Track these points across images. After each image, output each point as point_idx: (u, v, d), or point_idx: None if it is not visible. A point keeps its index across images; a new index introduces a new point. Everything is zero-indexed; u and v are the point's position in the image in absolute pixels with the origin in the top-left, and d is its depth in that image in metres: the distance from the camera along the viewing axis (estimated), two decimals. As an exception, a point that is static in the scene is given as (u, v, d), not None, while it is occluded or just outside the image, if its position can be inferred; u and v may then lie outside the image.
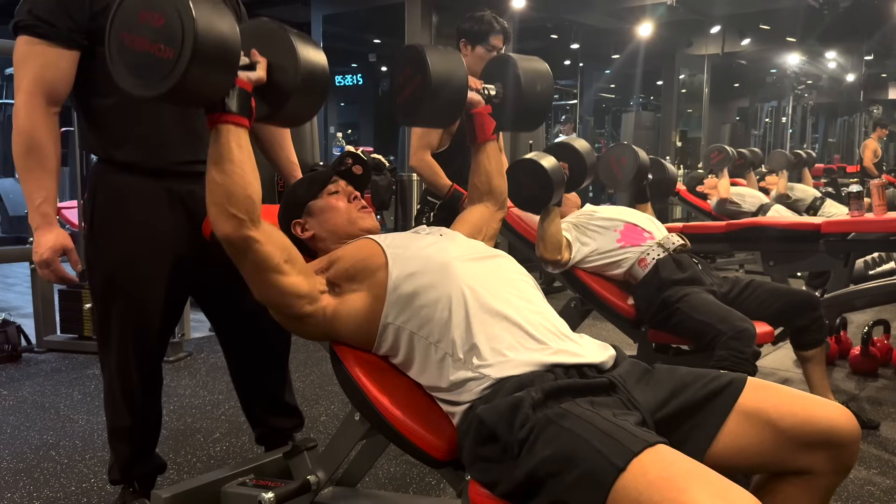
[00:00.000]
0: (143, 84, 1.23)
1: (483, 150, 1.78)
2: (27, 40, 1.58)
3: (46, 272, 1.65)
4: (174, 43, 1.18)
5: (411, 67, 1.60)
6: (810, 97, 14.59)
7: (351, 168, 1.71)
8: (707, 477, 1.02)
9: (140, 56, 1.21)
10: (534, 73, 1.81)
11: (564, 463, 1.10)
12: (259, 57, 1.34)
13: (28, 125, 1.59)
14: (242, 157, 1.32)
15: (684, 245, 2.56)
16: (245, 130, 1.33)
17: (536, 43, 11.61)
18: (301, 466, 1.74)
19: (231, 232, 1.32)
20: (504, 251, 1.59)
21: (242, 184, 1.31)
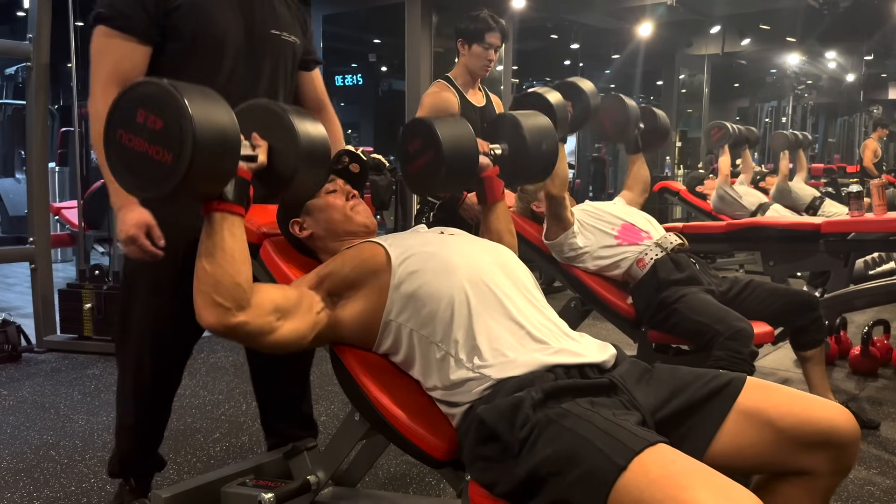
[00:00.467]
0: (140, 185, 1.22)
1: (493, 211, 1.78)
2: (106, 31, 1.64)
3: (133, 248, 1.63)
4: (173, 148, 1.16)
5: (422, 141, 1.63)
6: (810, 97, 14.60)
7: (348, 166, 1.71)
8: (709, 475, 1.02)
9: (138, 156, 1.20)
10: (538, 132, 1.84)
11: (566, 462, 1.10)
12: (260, 141, 1.34)
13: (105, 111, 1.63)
14: (234, 245, 1.30)
15: (682, 245, 2.56)
16: (240, 218, 1.32)
17: (536, 43, 11.62)
18: (301, 466, 1.74)
19: (215, 322, 1.30)
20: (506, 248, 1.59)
21: (232, 272, 1.29)
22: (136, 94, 1.20)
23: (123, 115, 1.21)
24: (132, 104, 1.20)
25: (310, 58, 1.96)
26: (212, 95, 1.23)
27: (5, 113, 8.66)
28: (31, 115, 3.86)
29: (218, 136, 1.19)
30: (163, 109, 1.17)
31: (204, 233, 1.30)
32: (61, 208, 5.80)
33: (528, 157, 1.82)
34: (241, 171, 1.29)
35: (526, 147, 1.81)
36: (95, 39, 1.65)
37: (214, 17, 1.68)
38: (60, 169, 7.42)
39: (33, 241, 3.90)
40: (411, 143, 1.66)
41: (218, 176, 1.24)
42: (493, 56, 2.92)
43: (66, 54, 4.07)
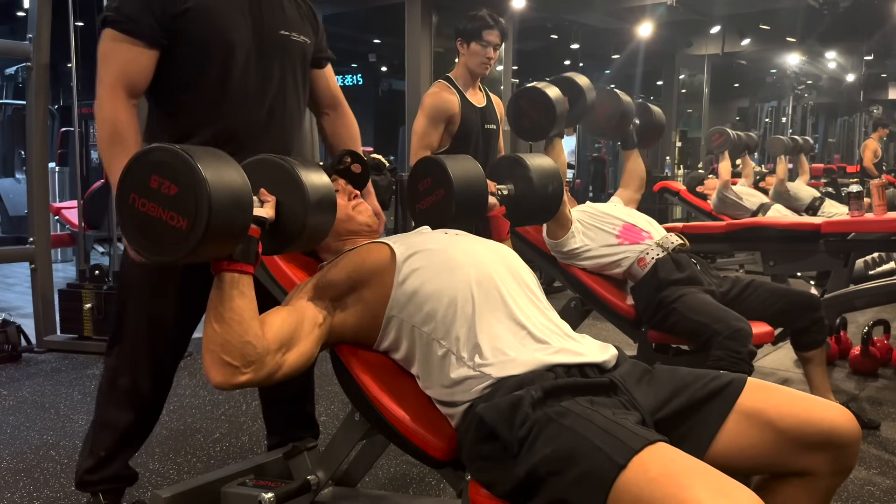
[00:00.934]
0: (154, 248, 1.21)
1: None
2: (112, 35, 1.64)
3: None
4: (188, 214, 1.16)
5: (433, 179, 1.66)
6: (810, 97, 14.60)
7: (350, 166, 1.71)
8: (709, 474, 1.02)
9: (152, 221, 1.20)
10: (544, 174, 1.88)
11: (565, 461, 1.10)
12: (268, 196, 1.33)
13: (112, 114, 1.63)
14: (243, 304, 1.29)
15: (683, 245, 2.56)
16: (249, 277, 1.32)
17: (536, 43, 11.62)
18: (301, 466, 1.74)
19: (222, 381, 1.30)
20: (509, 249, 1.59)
21: (240, 331, 1.29)
22: (149, 160, 1.20)
23: (136, 180, 1.20)
24: (145, 170, 1.20)
25: (322, 55, 1.96)
26: (223, 157, 1.23)
27: (5, 113, 8.66)
28: (31, 115, 3.86)
29: (232, 199, 1.19)
30: (177, 176, 1.17)
31: (213, 293, 1.30)
32: (61, 208, 5.80)
33: (535, 199, 1.85)
34: (251, 230, 1.29)
35: (533, 188, 1.86)
36: (102, 43, 1.65)
37: (223, 20, 1.68)
38: (60, 169, 7.43)
39: (33, 241, 3.90)
40: (422, 180, 1.69)
41: (231, 238, 1.24)
42: (492, 54, 2.92)
43: (66, 54, 4.07)
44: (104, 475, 1.82)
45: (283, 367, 1.35)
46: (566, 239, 2.58)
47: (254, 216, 1.27)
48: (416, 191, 1.71)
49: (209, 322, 1.30)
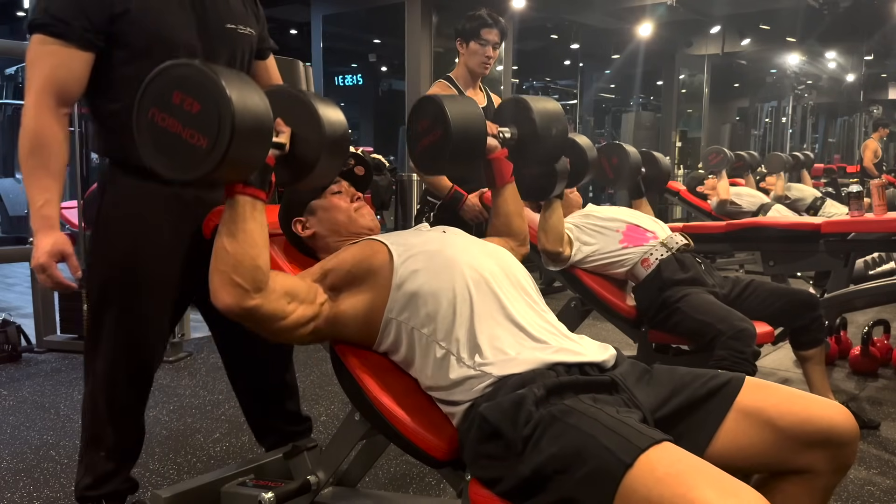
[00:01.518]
0: (171, 166, 1.20)
1: (501, 194, 1.79)
2: (41, 39, 1.54)
3: (43, 277, 1.60)
4: (209, 133, 1.14)
5: (430, 119, 1.62)
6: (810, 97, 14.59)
7: (353, 169, 1.71)
8: (715, 474, 1.02)
9: (170, 137, 1.18)
10: (548, 117, 1.83)
11: (572, 460, 1.10)
12: (284, 127, 1.33)
13: (35, 125, 1.56)
14: (256, 228, 1.30)
15: (688, 245, 2.55)
16: (262, 203, 1.32)
17: (536, 43, 11.61)
18: (301, 466, 1.74)
19: (232, 303, 1.30)
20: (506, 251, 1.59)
21: (253, 254, 1.30)
22: (172, 76, 1.18)
23: (157, 95, 1.19)
24: (168, 85, 1.18)
25: (264, 46, 1.89)
26: (246, 80, 1.21)
27: (5, 113, 8.66)
28: (31, 115, 3.85)
29: (254, 123, 1.17)
30: (200, 93, 1.15)
31: (226, 215, 1.30)
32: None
33: (538, 142, 1.80)
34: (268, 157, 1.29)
35: (535, 131, 1.79)
36: (31, 48, 1.54)
37: (165, 19, 1.60)
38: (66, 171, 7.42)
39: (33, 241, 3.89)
40: (420, 121, 1.65)
41: (250, 163, 1.23)
42: (492, 53, 2.92)
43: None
44: (105, 491, 1.76)
45: (287, 320, 1.36)
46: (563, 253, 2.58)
47: (273, 142, 1.27)
48: (415, 132, 1.66)
49: (220, 243, 1.30)
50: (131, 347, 1.72)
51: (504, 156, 1.77)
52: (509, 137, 1.80)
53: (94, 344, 1.75)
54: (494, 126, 1.77)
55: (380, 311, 1.40)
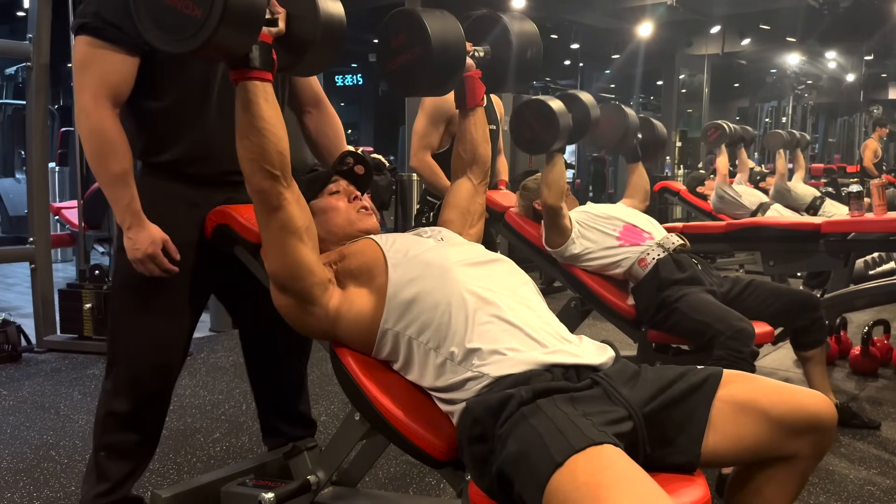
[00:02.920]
0: (168, 39, 1.22)
1: (471, 117, 1.76)
2: (90, 41, 1.57)
3: (151, 266, 1.62)
4: (203, 3, 1.17)
5: (407, 35, 1.55)
6: (810, 97, 14.58)
7: (352, 168, 1.70)
8: (635, 484, 1.02)
9: (166, 11, 1.20)
10: (525, 37, 1.76)
11: (520, 458, 1.11)
12: (279, 8, 1.34)
13: (99, 124, 1.58)
14: (271, 112, 1.33)
15: (684, 245, 2.56)
16: (270, 84, 1.33)
17: (536, 43, 11.59)
18: (301, 466, 1.74)
19: (267, 187, 1.34)
20: (504, 253, 1.58)
21: (275, 140, 1.33)
22: None
23: None
24: None
25: None
26: None
27: (5, 113, 8.65)
28: (31, 115, 3.86)
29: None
30: None
31: (239, 105, 1.32)
32: (61, 208, 5.80)
33: (512, 63, 1.74)
34: (263, 35, 1.30)
35: (510, 52, 1.73)
36: (80, 49, 1.58)
37: None
38: (60, 169, 7.42)
39: (33, 241, 3.90)
40: (395, 36, 1.58)
41: (244, 36, 1.25)
42: None
43: (66, 54, 4.06)
44: (114, 498, 1.74)
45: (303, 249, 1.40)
46: (566, 247, 2.58)
47: (266, 18, 1.28)
48: (389, 48, 1.58)
49: (242, 136, 1.33)
50: (155, 344, 1.73)
51: (478, 76, 1.71)
52: (483, 56, 1.73)
53: (115, 344, 1.76)
54: (469, 44, 1.69)
55: (376, 322, 1.41)
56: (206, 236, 1.71)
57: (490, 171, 1.89)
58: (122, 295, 1.75)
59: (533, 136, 2.37)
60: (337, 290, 1.45)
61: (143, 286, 1.68)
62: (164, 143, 1.69)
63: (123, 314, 1.74)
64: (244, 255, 1.67)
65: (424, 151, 2.79)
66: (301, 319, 1.46)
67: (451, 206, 1.74)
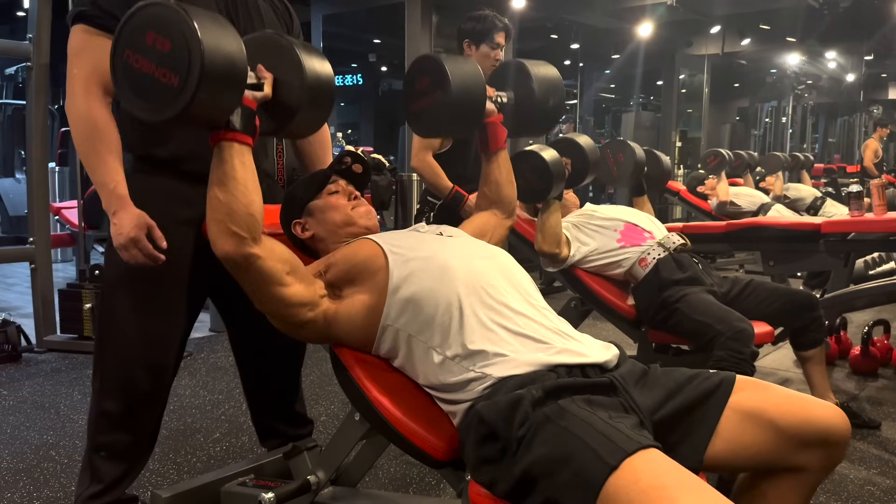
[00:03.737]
0: (146, 107, 1.21)
1: (494, 160, 1.78)
2: (86, 29, 1.57)
3: (134, 252, 1.54)
4: (180, 71, 1.15)
5: (430, 78, 1.59)
6: (810, 97, 14.58)
7: (350, 167, 1.69)
8: (700, 489, 1.01)
9: (144, 78, 1.19)
10: (547, 85, 1.79)
11: (559, 462, 1.10)
12: (265, 73, 1.33)
13: (87, 112, 1.56)
14: (246, 174, 1.31)
15: (685, 244, 2.56)
16: (249, 148, 1.32)
17: (536, 43, 11.60)
18: (301, 466, 1.74)
19: (231, 250, 1.32)
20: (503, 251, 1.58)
21: (245, 201, 1.31)
22: (146, 15, 1.19)
23: (132, 36, 1.20)
24: (141, 25, 1.19)
25: None
26: (221, 22, 1.22)
27: (5, 113, 8.66)
28: (31, 115, 3.86)
29: (226, 62, 1.18)
30: (172, 31, 1.16)
31: (214, 163, 1.31)
32: (61, 208, 5.80)
33: (534, 110, 1.77)
34: (247, 100, 1.29)
35: (533, 98, 1.76)
36: (75, 36, 1.58)
37: None
38: (60, 169, 7.42)
39: (33, 241, 3.90)
40: (419, 80, 1.62)
41: (223, 103, 1.24)
42: (501, 56, 2.93)
43: (66, 54, 4.06)
44: (108, 500, 1.72)
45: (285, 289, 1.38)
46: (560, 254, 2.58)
47: (248, 84, 1.27)
48: (413, 90, 1.63)
49: (212, 193, 1.32)
50: (148, 344, 1.69)
51: (500, 120, 1.73)
52: (506, 102, 1.76)
53: (104, 342, 1.72)
54: (492, 90, 1.74)
55: (376, 318, 1.40)
56: (203, 235, 1.70)
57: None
58: (115, 291, 1.71)
59: (527, 186, 2.37)
60: (329, 302, 1.43)
61: (136, 283, 1.66)
62: (160, 138, 1.67)
63: (115, 311, 1.71)
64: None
65: (426, 151, 2.79)
66: (296, 333, 1.46)
67: (468, 225, 1.74)
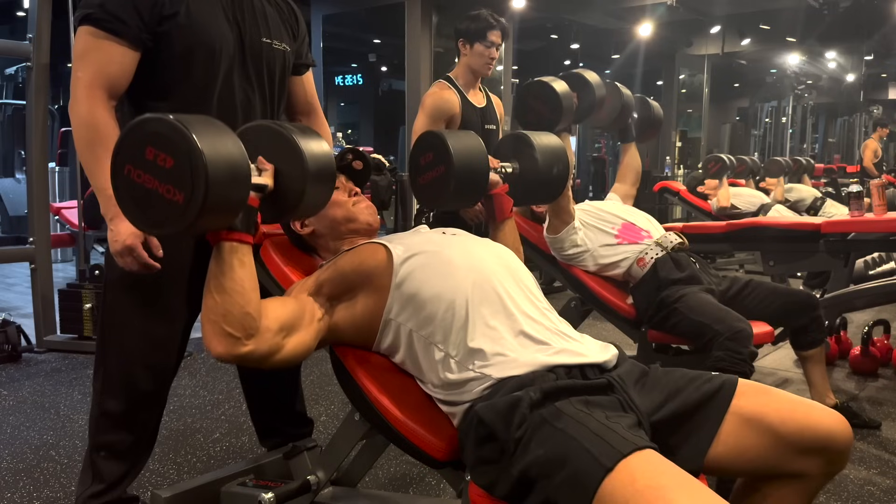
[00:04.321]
0: (151, 222, 1.20)
1: (501, 229, 1.79)
2: (93, 32, 1.56)
3: (129, 259, 1.55)
4: (185, 188, 1.14)
5: (434, 154, 1.63)
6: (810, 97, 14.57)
7: (351, 163, 1.70)
8: (697, 491, 1.01)
9: (148, 194, 1.17)
10: (551, 154, 1.84)
11: (555, 463, 1.10)
12: (266, 164, 1.32)
13: (90, 116, 1.56)
14: (244, 274, 1.29)
15: (682, 244, 2.56)
16: (249, 247, 1.31)
17: (536, 43, 11.62)
18: (301, 466, 1.74)
19: (224, 352, 1.30)
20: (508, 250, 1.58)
21: (242, 302, 1.28)
22: (144, 132, 1.18)
23: (131, 151, 1.18)
24: (140, 141, 1.18)
25: (302, 62, 1.91)
26: (218, 126, 1.21)
27: (5, 113, 8.65)
28: (31, 115, 3.86)
29: (229, 170, 1.17)
30: (172, 148, 1.15)
31: (213, 263, 1.29)
32: (61, 208, 5.80)
33: (539, 179, 1.82)
34: (250, 199, 1.28)
35: (537, 168, 1.81)
36: (81, 39, 1.57)
37: (209, 27, 1.63)
38: (60, 169, 7.43)
39: (33, 241, 3.90)
40: (423, 155, 1.67)
41: (229, 211, 1.23)
42: (496, 54, 2.93)
43: (66, 54, 4.06)
44: (109, 499, 1.73)
45: (283, 351, 1.35)
46: (566, 234, 2.55)
47: (252, 184, 1.26)
48: (418, 165, 1.68)
49: (209, 292, 1.29)
50: (149, 345, 1.71)
51: (505, 191, 1.77)
52: (511, 172, 1.81)
53: (106, 343, 1.73)
54: (496, 161, 1.78)
55: (378, 313, 1.40)
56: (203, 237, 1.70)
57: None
58: (115, 293, 1.72)
59: (536, 118, 2.37)
60: (328, 318, 1.43)
61: (137, 285, 1.66)
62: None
63: (116, 313, 1.72)
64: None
65: (425, 151, 2.78)
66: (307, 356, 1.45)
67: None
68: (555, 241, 2.60)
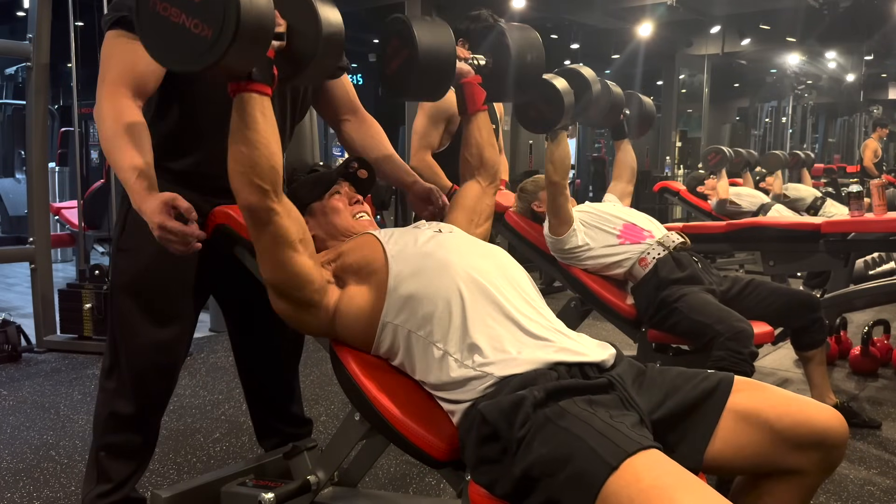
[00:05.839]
0: (174, 57, 1.19)
1: (474, 122, 1.78)
2: (121, 34, 1.53)
3: (171, 238, 1.41)
4: (214, 23, 1.13)
5: (399, 39, 1.58)
6: (810, 97, 14.58)
7: (356, 172, 1.71)
8: (701, 491, 1.02)
9: (174, 28, 1.16)
10: (524, 43, 1.78)
11: (559, 462, 1.10)
12: (281, 20, 1.32)
13: (113, 111, 1.50)
14: (267, 126, 1.31)
15: (684, 243, 2.55)
16: (269, 98, 1.32)
17: (536, 43, 11.58)
18: (301, 466, 1.74)
19: (256, 202, 1.33)
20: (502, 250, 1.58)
21: (267, 154, 1.31)
22: None
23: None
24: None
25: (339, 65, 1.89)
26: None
27: (5, 113, 8.66)
28: (31, 115, 3.86)
29: (258, 14, 1.16)
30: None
31: (236, 115, 1.30)
32: (61, 208, 5.80)
33: (513, 70, 1.77)
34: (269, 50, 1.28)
35: (510, 59, 1.76)
36: (110, 42, 1.54)
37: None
38: (60, 169, 7.43)
39: (33, 241, 3.90)
40: (390, 41, 1.62)
41: (253, 54, 1.22)
42: None
43: (66, 54, 4.07)
44: (116, 498, 1.73)
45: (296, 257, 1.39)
46: (567, 236, 2.56)
47: (276, 33, 1.26)
48: (385, 53, 1.64)
49: (235, 144, 1.31)
50: (158, 347, 1.72)
51: (477, 81, 1.74)
52: (483, 65, 1.77)
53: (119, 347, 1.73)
54: (467, 52, 1.75)
55: (376, 315, 1.40)
56: (206, 236, 1.70)
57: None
58: (123, 296, 1.73)
59: (538, 116, 2.36)
60: (336, 290, 1.45)
61: (144, 288, 1.68)
62: (181, 150, 1.67)
63: (125, 316, 1.73)
64: (244, 255, 1.67)
65: (424, 151, 2.79)
66: (300, 320, 1.47)
67: (457, 206, 1.75)
68: (555, 242, 2.60)
